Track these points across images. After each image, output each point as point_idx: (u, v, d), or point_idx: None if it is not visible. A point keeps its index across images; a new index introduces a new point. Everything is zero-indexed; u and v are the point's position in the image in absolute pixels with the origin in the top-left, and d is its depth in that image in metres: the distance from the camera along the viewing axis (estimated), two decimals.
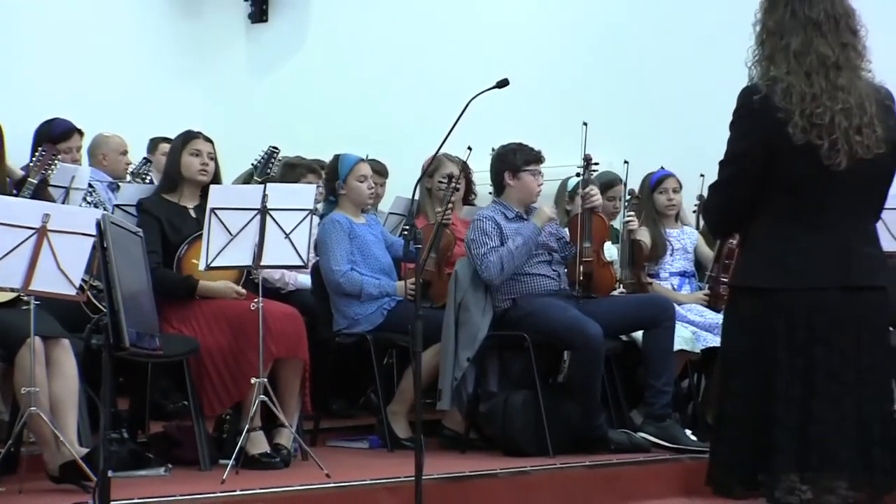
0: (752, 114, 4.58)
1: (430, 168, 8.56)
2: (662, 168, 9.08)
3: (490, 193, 8.49)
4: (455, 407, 8.09)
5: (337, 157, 8.47)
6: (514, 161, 8.19)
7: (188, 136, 7.49)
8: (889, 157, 4.63)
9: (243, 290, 7.23)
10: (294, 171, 9.01)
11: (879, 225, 5.00)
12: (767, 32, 4.66)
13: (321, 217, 8.25)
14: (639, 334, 8.26)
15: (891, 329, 5.51)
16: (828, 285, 4.54)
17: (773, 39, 4.63)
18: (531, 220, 8.01)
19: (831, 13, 4.59)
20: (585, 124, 8.51)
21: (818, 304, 4.53)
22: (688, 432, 8.00)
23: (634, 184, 9.22)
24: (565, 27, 11.30)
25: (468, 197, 9.73)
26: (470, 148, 8.64)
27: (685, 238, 9.03)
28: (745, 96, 4.61)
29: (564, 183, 9.11)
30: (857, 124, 4.50)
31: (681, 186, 9.02)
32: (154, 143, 10.01)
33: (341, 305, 8.17)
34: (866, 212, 4.72)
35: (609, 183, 9.29)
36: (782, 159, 4.53)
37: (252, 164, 8.61)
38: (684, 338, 8.27)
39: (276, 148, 8.71)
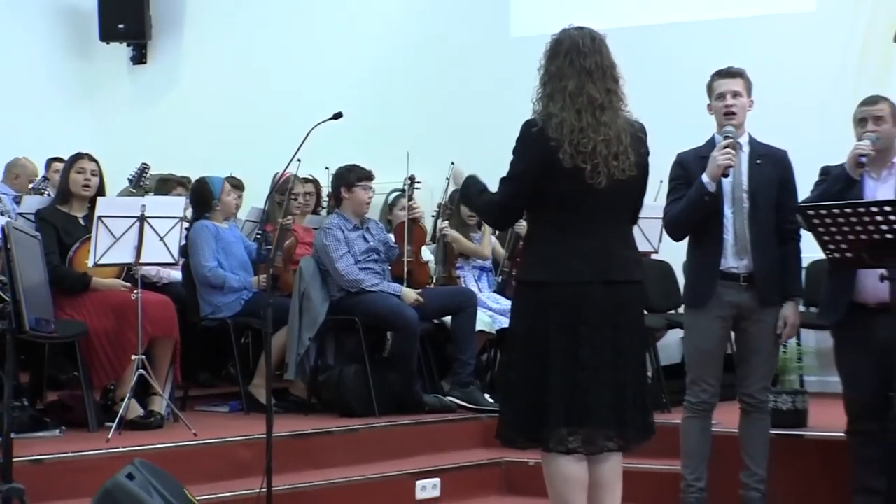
0: (529, 141, 4.69)
1: (283, 185, 8.56)
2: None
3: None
4: (299, 377, 8.06)
5: (204, 180, 8.43)
6: (348, 178, 8.19)
7: (75, 157, 7.39)
8: (640, 178, 4.79)
9: (129, 285, 7.15)
10: (166, 184, 9.02)
11: (637, 231, 5.13)
12: (549, 76, 4.76)
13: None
14: (448, 318, 8.31)
15: (646, 313, 5.64)
16: (591, 280, 4.64)
17: (553, 82, 4.73)
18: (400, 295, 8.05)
19: (600, 64, 4.71)
20: (408, 153, 8.61)
21: (584, 295, 4.63)
22: (486, 396, 8.06)
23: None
24: (394, 63, 11.32)
25: (317, 209, 9.75)
26: (327, 168, 8.70)
27: (483, 240, 9.06)
28: (525, 127, 4.72)
29: (388, 197, 9.15)
30: (614, 152, 4.62)
31: None
32: (49, 163, 9.86)
33: (206, 295, 8.11)
34: (623, 221, 4.84)
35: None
36: (554, 179, 4.63)
37: (128, 178, 8.52)
38: (484, 321, 8.33)
39: (147, 164, 8.63)
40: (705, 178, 5.96)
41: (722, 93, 6.17)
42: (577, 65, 4.69)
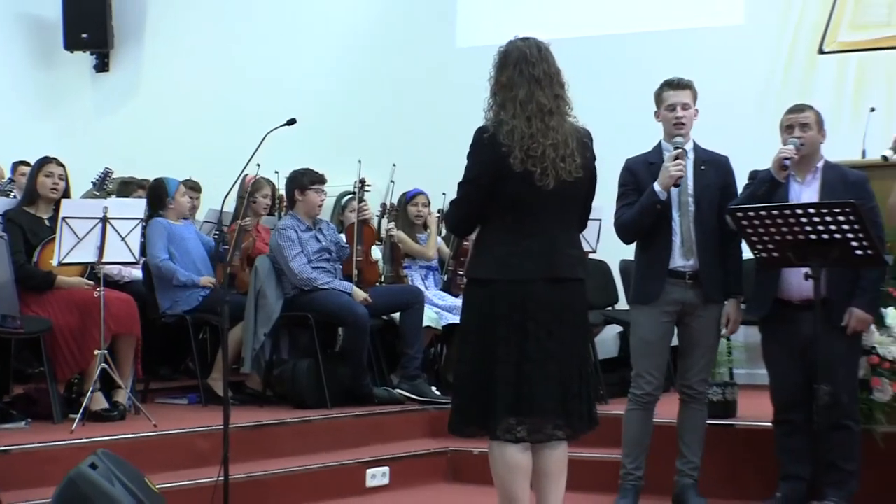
0: (482, 148, 4.67)
1: (252, 188, 8.62)
2: (415, 188, 9.14)
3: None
4: (255, 371, 8.05)
5: (161, 180, 8.46)
6: (302, 181, 8.17)
7: (43, 161, 7.33)
8: (586, 180, 4.80)
9: (92, 283, 7.10)
10: (128, 187, 9.00)
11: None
12: (500, 86, 4.76)
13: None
14: (397, 315, 8.30)
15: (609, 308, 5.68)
16: (537, 277, 4.64)
17: (504, 91, 4.73)
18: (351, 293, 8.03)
19: (548, 72, 4.72)
20: (360, 161, 8.63)
21: (530, 291, 4.63)
22: (433, 388, 8.07)
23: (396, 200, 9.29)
24: (346, 72, 11.32)
25: (272, 210, 9.73)
26: (277, 171, 8.70)
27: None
28: (478, 134, 4.71)
29: (339, 199, 9.14)
30: (562, 155, 4.64)
31: (428, 202, 9.08)
32: (16, 167, 9.79)
33: (166, 292, 8.09)
34: (569, 221, 4.83)
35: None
36: (505, 182, 4.63)
37: (92, 182, 8.47)
38: (430, 317, 8.33)
39: (110, 169, 8.60)
40: (657, 187, 6.01)
41: (672, 104, 6.20)
42: (526, 74, 4.70)
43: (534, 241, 4.67)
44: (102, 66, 12.58)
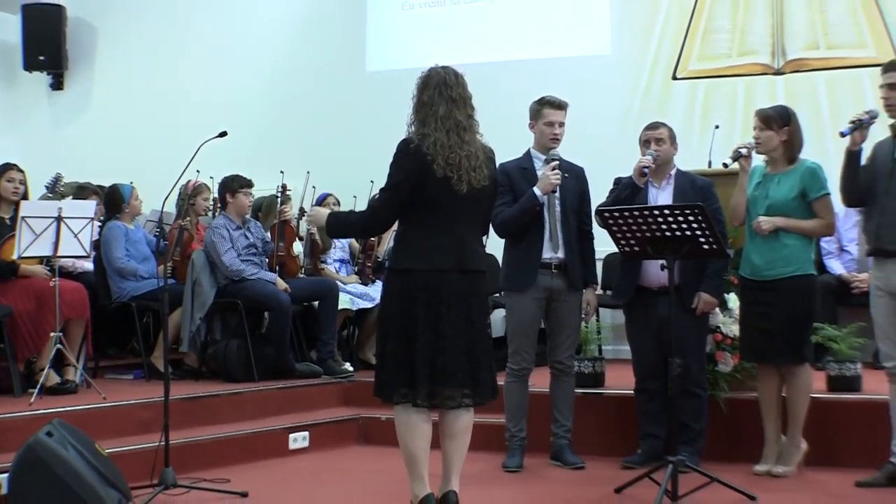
0: (407, 156, 4.70)
1: (194, 191, 8.55)
2: (324, 191, 9.12)
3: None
4: (192, 350, 7.97)
5: (116, 186, 8.42)
6: (232, 185, 8.08)
7: (5, 168, 7.17)
8: (490, 188, 4.86)
9: (50, 272, 6.98)
10: (84, 191, 8.89)
11: None
12: (421, 104, 4.79)
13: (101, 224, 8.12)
14: (315, 302, 8.27)
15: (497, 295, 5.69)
16: (450, 268, 4.68)
17: (425, 109, 4.76)
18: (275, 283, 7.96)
19: (462, 95, 4.80)
20: (282, 172, 8.61)
21: (444, 279, 4.67)
22: (347, 364, 8.04)
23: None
24: (269, 90, 11.20)
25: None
26: (212, 177, 8.61)
27: (342, 238, 9.01)
28: (403, 144, 4.74)
29: (260, 203, 9.04)
30: (474, 165, 4.71)
31: (338, 202, 9.04)
32: None
33: (116, 282, 8.02)
34: (476, 221, 4.87)
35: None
36: (427, 187, 4.66)
37: (45, 186, 8.32)
38: (345, 301, 8.29)
39: (61, 174, 8.44)
40: (538, 191, 6.08)
41: (551, 121, 6.26)
42: (445, 94, 4.75)
43: (447, 237, 4.70)
44: (57, 84, 12.35)
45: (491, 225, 5.49)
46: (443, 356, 4.64)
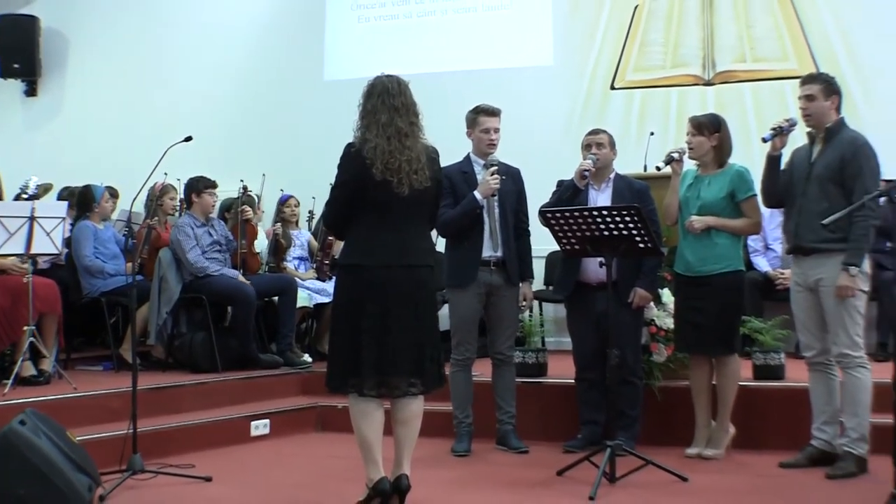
0: (349, 160, 4.69)
1: (162, 192, 8.53)
2: (285, 193, 9.08)
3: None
4: (159, 342, 7.92)
5: (88, 187, 8.34)
6: (197, 186, 8.04)
7: None
8: (433, 189, 4.84)
9: (25, 267, 6.88)
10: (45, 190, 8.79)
11: None
12: (366, 111, 4.76)
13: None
14: (276, 297, 8.22)
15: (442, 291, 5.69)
16: (395, 264, 4.66)
17: (369, 116, 4.74)
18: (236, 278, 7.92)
19: (405, 103, 4.76)
20: (242, 180, 8.61)
21: (390, 275, 4.65)
22: (305, 356, 8.01)
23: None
24: (232, 96, 11.12)
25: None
26: (179, 179, 8.55)
27: (302, 237, 8.99)
28: (347, 149, 4.73)
29: (223, 204, 8.99)
30: (415, 168, 4.69)
31: (298, 203, 9.02)
32: None
33: (86, 279, 7.93)
34: (421, 220, 4.85)
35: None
36: (369, 189, 4.65)
37: (19, 188, 8.21)
38: (303, 297, 8.26)
39: (31, 178, 8.35)
40: (478, 195, 6.11)
41: (487, 128, 6.27)
42: (388, 103, 4.73)
43: (393, 235, 4.69)
44: (31, 91, 12.20)
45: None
46: (389, 348, 4.63)
